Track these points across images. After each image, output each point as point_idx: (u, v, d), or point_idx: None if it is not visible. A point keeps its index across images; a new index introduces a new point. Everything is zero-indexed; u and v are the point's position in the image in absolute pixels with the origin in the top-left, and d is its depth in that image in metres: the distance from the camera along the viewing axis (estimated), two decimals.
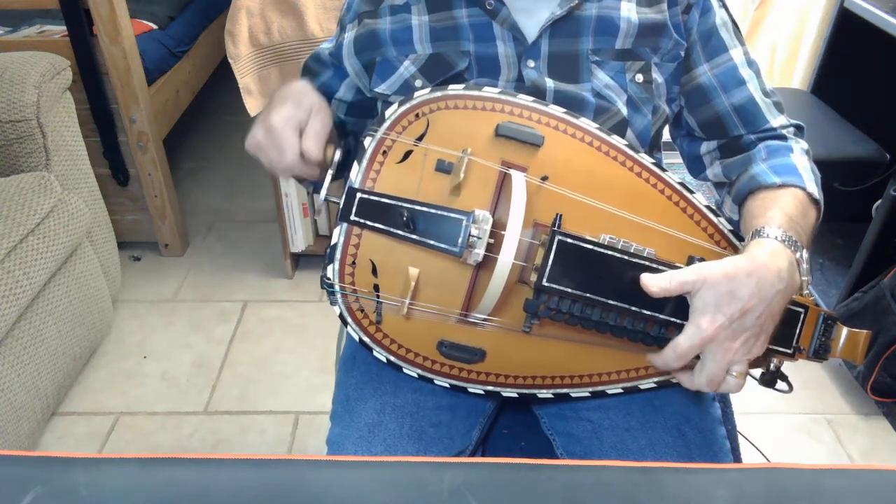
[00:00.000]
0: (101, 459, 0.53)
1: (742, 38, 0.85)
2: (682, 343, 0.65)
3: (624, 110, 0.80)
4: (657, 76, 0.81)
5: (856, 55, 2.03)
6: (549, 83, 0.79)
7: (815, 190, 0.77)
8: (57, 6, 1.68)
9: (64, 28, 1.74)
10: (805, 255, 0.70)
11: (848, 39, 2.02)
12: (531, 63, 0.80)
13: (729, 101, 0.83)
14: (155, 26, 2.10)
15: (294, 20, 1.67)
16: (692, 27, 0.81)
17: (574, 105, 0.79)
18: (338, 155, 0.75)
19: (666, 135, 0.92)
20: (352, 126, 0.94)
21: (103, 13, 1.70)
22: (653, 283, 0.65)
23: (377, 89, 0.84)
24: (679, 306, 0.66)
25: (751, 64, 0.84)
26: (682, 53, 0.82)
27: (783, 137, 0.83)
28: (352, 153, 0.84)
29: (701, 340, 0.64)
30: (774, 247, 0.67)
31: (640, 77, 0.80)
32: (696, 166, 0.90)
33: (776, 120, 0.83)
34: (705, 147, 0.87)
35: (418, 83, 0.82)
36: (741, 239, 0.75)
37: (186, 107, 2.28)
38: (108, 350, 1.79)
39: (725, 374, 0.67)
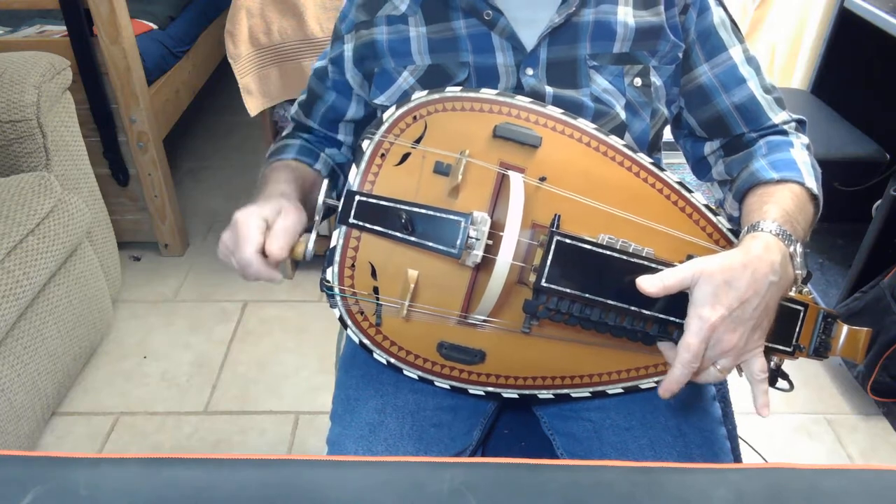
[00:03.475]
0: (101, 459, 0.53)
1: (741, 35, 0.85)
2: (692, 340, 0.64)
3: (622, 114, 0.80)
4: (655, 79, 0.81)
5: (856, 55, 2.03)
6: (548, 89, 0.79)
7: (813, 185, 0.77)
8: (57, 6, 1.68)
9: (64, 28, 1.74)
10: (799, 248, 0.70)
11: (848, 39, 2.02)
12: (529, 71, 0.80)
13: (730, 101, 0.83)
14: (155, 26, 2.10)
15: (294, 20, 1.67)
16: (690, 27, 0.81)
17: (573, 110, 0.79)
18: (309, 248, 0.73)
19: (667, 135, 0.92)
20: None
21: (103, 13, 1.70)
22: (650, 283, 0.64)
23: (377, 101, 0.84)
24: (678, 304, 0.66)
25: (750, 61, 0.84)
26: (681, 55, 0.82)
27: (784, 133, 0.83)
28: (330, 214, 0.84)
29: (709, 331, 0.64)
30: (768, 240, 0.67)
31: (638, 81, 0.80)
32: (701, 168, 0.90)
33: (778, 116, 0.83)
34: (709, 147, 0.87)
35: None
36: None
37: (186, 107, 2.28)
38: (108, 350, 1.79)
39: (710, 365, 0.67)
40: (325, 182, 0.74)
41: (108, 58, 1.76)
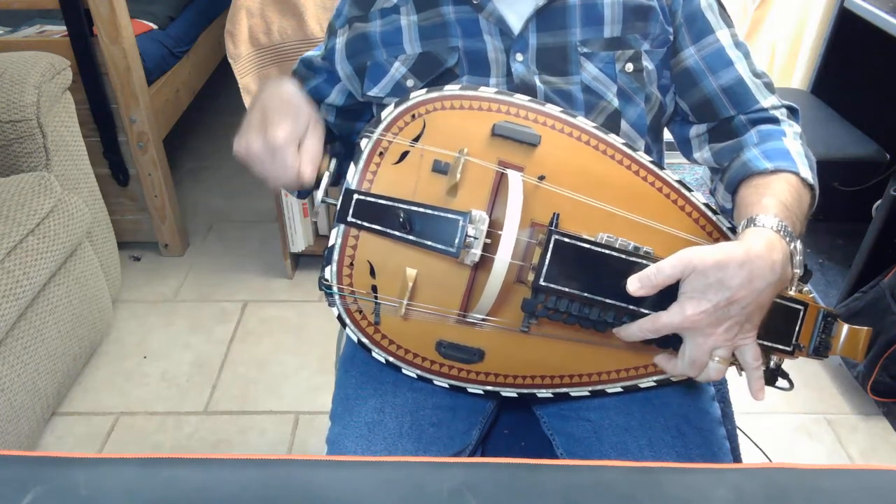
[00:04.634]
0: (101, 459, 0.53)
1: (730, 19, 0.84)
2: (663, 318, 0.65)
3: (615, 102, 0.80)
4: (647, 63, 0.81)
5: (856, 55, 2.03)
6: (537, 78, 0.79)
7: (808, 175, 0.76)
8: (57, 6, 1.68)
9: (64, 28, 1.74)
10: (799, 246, 0.69)
11: (848, 39, 2.02)
12: (519, 57, 0.80)
13: (717, 83, 0.82)
14: (155, 26, 2.10)
15: (294, 20, 1.67)
16: (677, 10, 0.81)
17: (563, 101, 0.79)
18: (332, 167, 0.74)
19: (667, 136, 0.92)
20: (339, 130, 0.94)
21: (103, 13, 1.70)
22: (635, 287, 0.64)
23: (370, 93, 0.84)
24: None
25: (739, 45, 0.83)
26: (671, 38, 0.81)
27: (775, 120, 0.82)
28: (339, 158, 0.83)
29: (682, 322, 0.64)
30: (770, 237, 0.66)
31: (630, 66, 0.80)
32: (686, 148, 0.90)
33: (767, 100, 0.83)
34: (695, 130, 0.86)
35: (410, 83, 0.82)
36: None
37: (186, 107, 2.28)
38: (108, 350, 1.79)
39: (708, 359, 0.67)
40: (325, 179, 0.74)
41: (108, 58, 1.76)
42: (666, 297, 0.65)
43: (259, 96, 0.76)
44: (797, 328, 0.72)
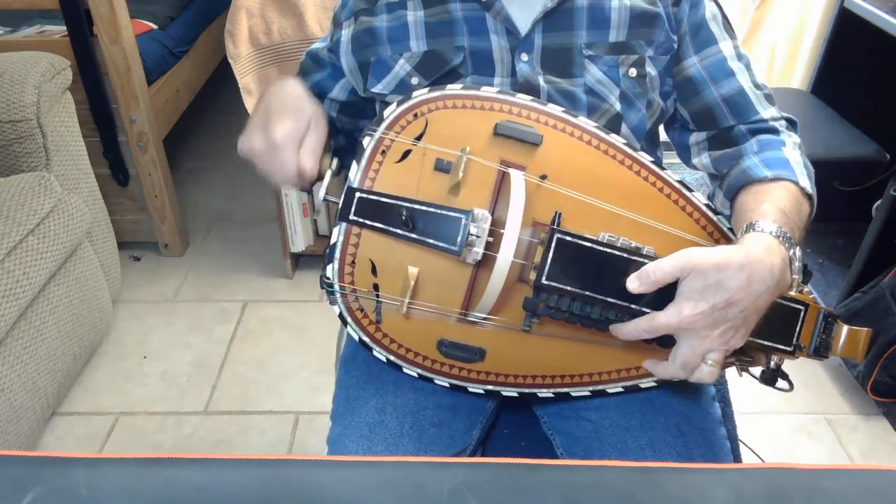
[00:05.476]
0: (101, 459, 0.53)
1: (733, 31, 0.85)
2: (660, 318, 0.65)
3: (617, 105, 0.81)
4: (651, 70, 0.81)
5: (856, 55, 2.03)
6: (542, 78, 0.80)
7: (807, 184, 0.77)
8: (57, 6, 1.68)
9: (64, 28, 1.74)
10: (798, 252, 0.69)
11: (848, 39, 2.02)
12: (524, 57, 0.80)
13: (718, 92, 0.83)
14: (155, 26, 2.10)
15: (294, 20, 1.67)
16: (682, 19, 0.82)
17: (566, 102, 0.79)
18: (334, 165, 0.75)
19: (664, 135, 0.92)
20: (342, 125, 0.95)
21: (103, 13, 1.70)
22: (634, 285, 0.64)
23: (374, 89, 0.84)
24: None
25: (740, 57, 0.84)
26: (675, 46, 0.82)
27: (775, 131, 0.83)
28: (341, 152, 0.84)
29: (679, 322, 0.64)
30: (769, 242, 0.66)
31: (633, 71, 0.81)
32: (685, 154, 0.91)
33: (767, 111, 0.83)
34: (694, 138, 0.87)
35: (414, 80, 0.82)
36: None
37: (186, 107, 2.28)
38: (108, 350, 1.79)
39: (700, 362, 0.66)
40: (327, 176, 0.74)
41: (108, 58, 1.76)
42: (667, 296, 0.65)
43: (264, 96, 0.77)
44: (798, 329, 0.72)
